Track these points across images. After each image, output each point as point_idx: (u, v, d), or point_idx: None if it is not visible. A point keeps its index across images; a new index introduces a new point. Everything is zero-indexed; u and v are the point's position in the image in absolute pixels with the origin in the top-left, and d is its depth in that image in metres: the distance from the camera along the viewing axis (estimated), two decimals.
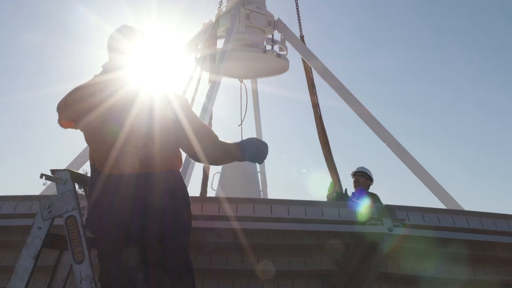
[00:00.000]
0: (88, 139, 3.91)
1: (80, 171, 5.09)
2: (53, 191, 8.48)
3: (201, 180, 8.57)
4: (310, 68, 9.09)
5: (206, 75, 8.67)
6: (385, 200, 8.30)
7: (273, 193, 10.86)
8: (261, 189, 9.31)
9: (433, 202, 8.06)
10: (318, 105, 9.02)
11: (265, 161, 9.06)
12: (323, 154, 8.89)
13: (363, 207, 8.13)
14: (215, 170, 8.88)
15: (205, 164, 4.12)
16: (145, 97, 3.83)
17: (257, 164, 9.31)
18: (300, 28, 9.22)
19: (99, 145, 3.82)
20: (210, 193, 8.69)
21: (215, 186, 8.74)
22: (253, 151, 4.00)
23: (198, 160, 3.96)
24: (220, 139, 3.94)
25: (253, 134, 10.14)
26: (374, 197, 8.26)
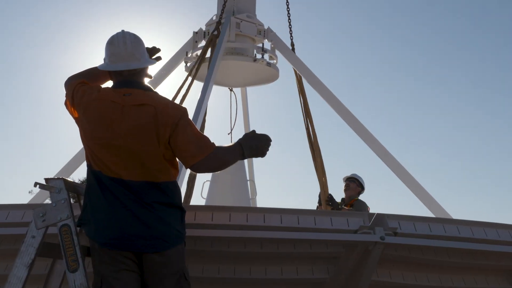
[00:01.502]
0: (84, 142, 3.92)
1: (69, 178, 5.07)
2: (41, 199, 8.49)
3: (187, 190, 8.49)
4: (301, 78, 9.12)
5: (196, 83, 8.69)
6: (374, 209, 8.36)
7: (263, 201, 10.89)
8: (250, 197, 9.33)
9: (420, 209, 8.13)
10: (309, 115, 9.04)
11: (254, 170, 8.94)
12: (314, 165, 8.88)
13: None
14: (204, 178, 8.89)
15: (206, 173, 4.11)
16: (143, 105, 3.83)
17: (247, 172, 9.33)
18: (291, 36, 9.25)
19: (96, 150, 3.83)
20: (200, 201, 8.69)
21: (205, 194, 8.75)
22: (251, 147, 3.98)
23: (198, 171, 3.98)
24: (217, 145, 3.93)
25: None
26: (360, 204, 8.31)
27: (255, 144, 4.00)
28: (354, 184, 8.59)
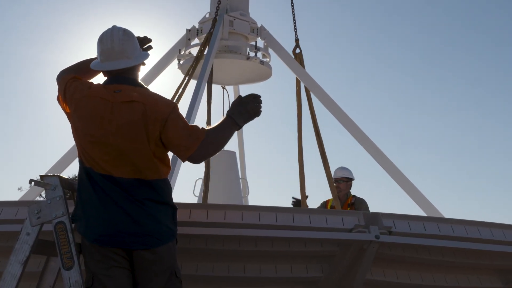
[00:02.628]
0: (76, 139, 3.90)
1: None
2: (32, 196, 8.44)
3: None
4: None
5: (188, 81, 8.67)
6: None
7: (255, 200, 10.89)
8: (243, 195, 9.32)
9: (413, 209, 8.13)
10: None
11: (246, 169, 8.87)
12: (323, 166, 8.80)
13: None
14: (197, 176, 8.87)
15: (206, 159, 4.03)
16: (133, 102, 3.80)
17: (239, 170, 9.32)
18: (295, 30, 9.23)
19: (87, 147, 3.80)
20: (192, 199, 8.67)
21: (197, 192, 8.72)
22: (241, 113, 3.91)
23: (196, 162, 3.92)
24: (208, 127, 3.89)
25: (234, 141, 10.15)
26: (362, 203, 8.31)
27: (243, 109, 3.92)
28: (343, 184, 8.53)
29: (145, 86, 4.01)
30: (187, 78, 8.27)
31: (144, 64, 4.11)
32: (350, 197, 8.42)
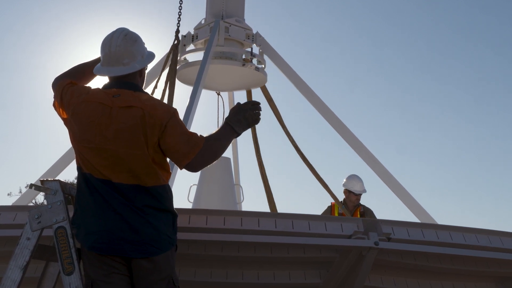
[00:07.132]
0: (73, 144, 3.87)
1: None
2: (25, 202, 8.41)
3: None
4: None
5: (184, 87, 8.68)
6: None
7: (249, 207, 10.88)
8: (237, 201, 9.30)
9: (407, 216, 8.15)
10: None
11: (241, 175, 8.83)
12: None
13: None
14: (191, 182, 8.86)
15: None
16: (131, 107, 3.76)
17: (233, 176, 9.31)
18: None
19: (85, 153, 3.77)
20: (187, 205, 8.64)
21: (192, 198, 8.71)
22: (239, 121, 3.90)
23: (194, 170, 3.88)
24: (206, 135, 3.86)
25: (229, 147, 10.13)
26: (371, 212, 8.39)
27: (242, 116, 3.91)
28: (360, 196, 8.67)
29: (144, 91, 3.98)
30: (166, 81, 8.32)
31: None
32: (359, 206, 8.49)
